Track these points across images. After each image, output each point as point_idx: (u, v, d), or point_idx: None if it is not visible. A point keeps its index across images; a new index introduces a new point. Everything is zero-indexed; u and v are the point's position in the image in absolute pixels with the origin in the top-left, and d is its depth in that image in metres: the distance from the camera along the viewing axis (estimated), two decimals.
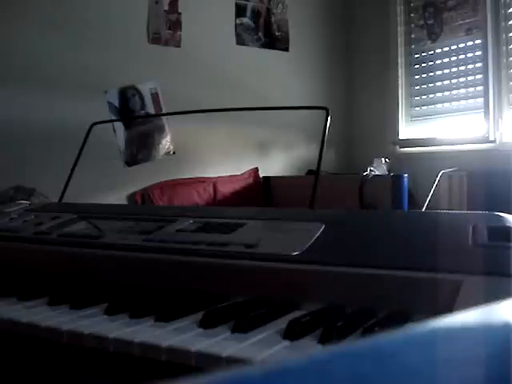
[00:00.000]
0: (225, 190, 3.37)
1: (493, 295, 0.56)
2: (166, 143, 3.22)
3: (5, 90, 2.65)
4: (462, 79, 3.51)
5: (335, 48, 4.05)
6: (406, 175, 2.91)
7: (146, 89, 3.12)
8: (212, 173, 3.36)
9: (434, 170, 3.20)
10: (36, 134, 2.72)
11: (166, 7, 3.21)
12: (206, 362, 0.54)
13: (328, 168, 3.59)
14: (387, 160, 3.28)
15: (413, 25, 3.78)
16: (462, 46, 3.51)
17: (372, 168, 3.13)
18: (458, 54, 3.53)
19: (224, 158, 3.44)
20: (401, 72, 3.80)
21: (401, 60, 3.80)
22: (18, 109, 2.68)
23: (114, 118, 2.99)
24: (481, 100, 3.38)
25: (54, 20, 2.81)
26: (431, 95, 3.69)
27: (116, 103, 3.02)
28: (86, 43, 2.89)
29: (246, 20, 3.59)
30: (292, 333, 0.58)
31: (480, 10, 3.36)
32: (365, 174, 3.03)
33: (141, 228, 0.94)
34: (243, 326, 0.60)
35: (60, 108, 2.79)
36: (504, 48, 3.29)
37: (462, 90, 3.51)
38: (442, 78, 3.62)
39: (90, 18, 2.93)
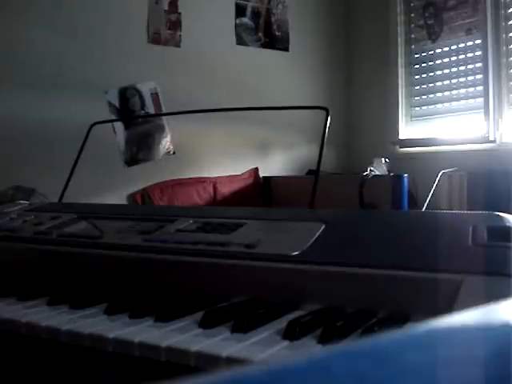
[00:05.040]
0: (225, 190, 3.37)
1: (493, 295, 0.56)
2: (165, 143, 3.22)
3: (4, 89, 2.65)
4: (462, 79, 3.51)
5: (335, 48, 4.05)
6: (405, 175, 2.91)
7: (146, 89, 3.12)
8: (212, 173, 3.36)
9: (434, 170, 3.20)
10: (36, 134, 2.72)
11: (166, 7, 3.21)
12: (206, 362, 0.54)
13: (328, 168, 3.59)
14: (387, 160, 3.28)
15: (413, 25, 3.78)
16: (462, 46, 3.51)
17: (372, 168, 3.13)
18: (458, 54, 3.53)
19: (224, 158, 3.44)
20: (401, 72, 3.80)
21: (401, 60, 3.80)
22: (18, 109, 2.68)
23: (114, 118, 2.99)
24: (481, 100, 3.38)
25: (53, 20, 2.81)
26: (431, 95, 3.69)
27: (116, 103, 3.02)
28: (85, 43, 2.89)
29: (246, 20, 3.59)
30: (292, 333, 0.58)
31: (480, 9, 3.36)
32: (365, 174, 3.03)
33: (141, 228, 0.94)
34: (243, 326, 0.60)
35: (60, 108, 2.79)
36: (504, 48, 3.29)
37: (462, 90, 3.51)
38: (441, 78, 3.62)
39: (89, 18, 2.93)
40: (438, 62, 3.64)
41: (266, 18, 3.69)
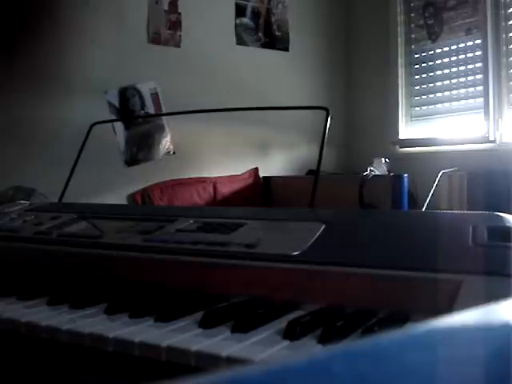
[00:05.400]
0: (225, 190, 3.37)
1: (493, 295, 0.56)
2: (165, 143, 3.22)
3: (4, 89, 2.65)
4: (462, 79, 3.51)
5: (335, 48, 4.05)
6: (406, 175, 2.91)
7: (146, 89, 3.12)
8: (212, 173, 3.36)
9: (434, 170, 3.20)
10: (36, 134, 2.72)
11: (166, 7, 3.21)
12: (206, 362, 0.54)
13: (328, 168, 3.59)
14: (387, 160, 3.28)
15: (413, 25, 3.78)
16: (462, 46, 3.51)
17: (372, 168, 3.13)
18: (458, 54, 3.53)
19: (224, 158, 3.44)
20: (401, 72, 3.80)
21: (401, 60, 3.80)
22: (18, 109, 2.68)
23: (114, 118, 2.99)
24: (481, 100, 3.38)
25: (53, 19, 2.80)
26: (431, 95, 3.69)
27: (116, 103, 3.02)
28: (85, 43, 2.89)
29: (246, 20, 3.59)
30: (292, 333, 0.58)
31: (480, 9, 3.36)
32: (365, 174, 3.03)
33: (141, 228, 0.94)
34: (243, 326, 0.60)
35: (60, 108, 2.79)
36: (504, 48, 3.29)
37: (462, 90, 3.51)
38: (441, 78, 3.62)
39: (89, 18, 2.93)
40: (438, 61, 3.64)
41: (266, 18, 3.68)
